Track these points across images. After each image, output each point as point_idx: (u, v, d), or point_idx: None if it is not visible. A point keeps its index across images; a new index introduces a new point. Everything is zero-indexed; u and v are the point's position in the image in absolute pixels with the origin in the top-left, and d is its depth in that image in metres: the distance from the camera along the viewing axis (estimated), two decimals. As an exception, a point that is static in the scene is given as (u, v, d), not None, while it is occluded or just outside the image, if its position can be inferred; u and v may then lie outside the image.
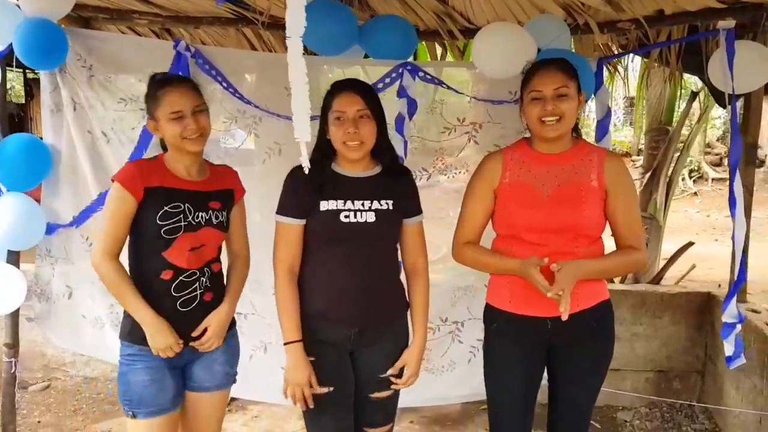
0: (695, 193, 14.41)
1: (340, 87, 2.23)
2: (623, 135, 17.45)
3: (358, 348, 2.29)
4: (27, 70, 11.33)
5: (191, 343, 2.28)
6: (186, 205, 2.24)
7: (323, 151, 2.27)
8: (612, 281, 4.65)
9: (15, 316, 3.26)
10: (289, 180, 2.29)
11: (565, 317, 2.07)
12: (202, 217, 2.27)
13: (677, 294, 4.20)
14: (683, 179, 14.32)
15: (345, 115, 2.17)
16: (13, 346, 3.26)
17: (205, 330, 2.29)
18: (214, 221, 2.31)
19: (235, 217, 2.44)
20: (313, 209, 2.21)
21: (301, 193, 2.23)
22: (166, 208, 2.20)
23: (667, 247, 5.72)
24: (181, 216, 2.22)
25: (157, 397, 2.25)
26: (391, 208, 2.25)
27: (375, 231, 2.22)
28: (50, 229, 3.27)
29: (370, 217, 2.21)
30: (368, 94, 2.23)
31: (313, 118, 3.07)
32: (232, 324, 2.47)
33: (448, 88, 3.12)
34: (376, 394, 2.33)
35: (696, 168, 15.14)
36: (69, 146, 3.26)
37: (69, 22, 3.54)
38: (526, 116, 2.26)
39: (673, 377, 4.20)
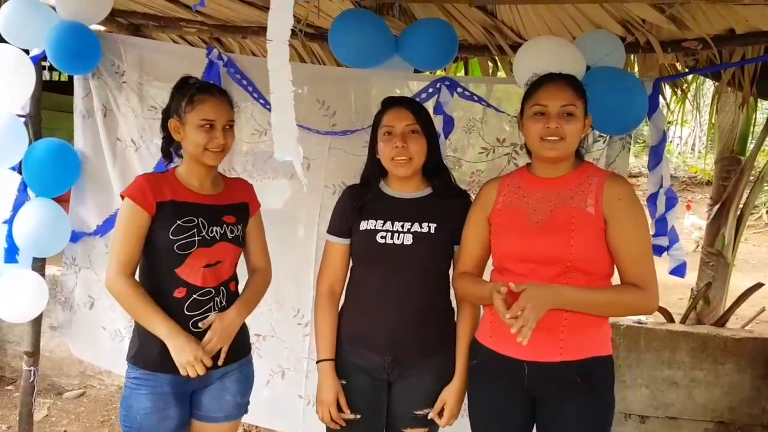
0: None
1: (391, 102, 2.21)
2: (705, 163, 16.58)
3: (395, 379, 2.17)
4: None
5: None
6: (199, 219, 2.14)
7: (373, 170, 2.24)
8: (672, 320, 4.32)
9: (36, 323, 3.20)
10: (339, 199, 2.32)
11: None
12: (216, 231, 2.17)
13: (743, 339, 3.82)
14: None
15: (394, 129, 2.12)
16: (33, 354, 3.18)
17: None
18: (230, 236, 2.20)
19: (252, 231, 2.34)
20: (354, 228, 2.18)
21: (346, 211, 2.24)
22: (179, 222, 2.10)
23: (743, 285, 5.28)
24: (195, 231, 2.11)
25: (158, 427, 2.12)
26: (433, 231, 2.13)
27: (412, 255, 2.12)
28: (75, 236, 3.21)
29: (407, 240, 2.11)
30: (419, 110, 2.19)
31: (352, 131, 2.95)
32: (248, 351, 2.34)
33: (488, 105, 2.91)
34: (409, 430, 2.20)
35: (788, 201, 14.28)
36: (97, 152, 3.20)
37: (119, 29, 3.52)
38: (525, 132, 2.05)
39: (735, 430, 3.83)
